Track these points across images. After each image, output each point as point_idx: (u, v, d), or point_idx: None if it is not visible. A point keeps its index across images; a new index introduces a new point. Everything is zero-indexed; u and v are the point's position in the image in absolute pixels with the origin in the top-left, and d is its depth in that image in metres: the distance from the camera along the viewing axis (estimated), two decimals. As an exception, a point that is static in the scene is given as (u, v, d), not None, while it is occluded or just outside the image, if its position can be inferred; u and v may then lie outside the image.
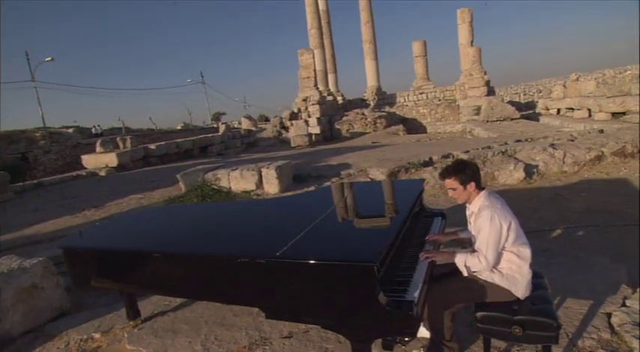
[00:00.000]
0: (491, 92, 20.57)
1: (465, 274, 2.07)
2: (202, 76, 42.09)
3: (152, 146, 15.12)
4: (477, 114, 18.69)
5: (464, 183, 2.12)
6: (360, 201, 2.93)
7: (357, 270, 1.70)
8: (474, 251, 2.09)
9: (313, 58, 21.40)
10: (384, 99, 25.24)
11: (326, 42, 25.34)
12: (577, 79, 18.53)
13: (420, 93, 24.27)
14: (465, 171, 2.12)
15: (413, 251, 2.30)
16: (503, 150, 8.18)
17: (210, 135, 20.71)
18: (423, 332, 2.49)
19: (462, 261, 2.06)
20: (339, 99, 24.96)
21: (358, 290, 1.69)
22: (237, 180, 7.44)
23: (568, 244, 4.23)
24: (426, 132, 19.23)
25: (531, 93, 42.15)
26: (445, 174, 2.17)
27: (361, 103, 24.91)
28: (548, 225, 4.92)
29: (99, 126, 26.57)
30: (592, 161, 7.80)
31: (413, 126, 20.96)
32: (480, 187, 2.16)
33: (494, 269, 2.06)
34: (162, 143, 16.03)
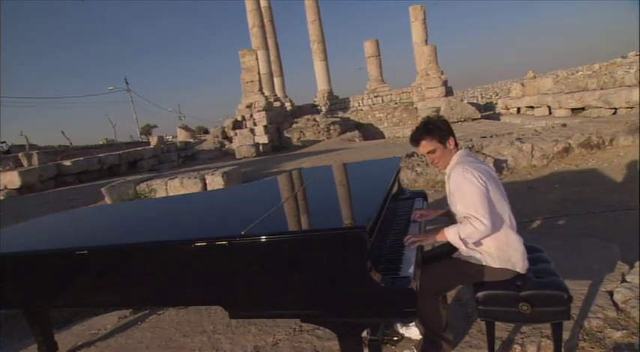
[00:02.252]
0: (449, 92, 21.57)
1: (464, 249, 1.97)
2: (127, 83, 39.73)
3: (67, 162, 14.05)
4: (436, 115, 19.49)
5: (443, 141, 2.04)
6: (332, 181, 2.79)
7: (344, 240, 1.56)
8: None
9: (257, 59, 21.30)
10: (337, 103, 25.64)
11: (270, 42, 25.44)
12: (534, 77, 20.00)
13: (375, 97, 24.94)
14: (440, 126, 2.04)
15: (397, 234, 2.18)
16: (469, 146, 8.46)
17: (140, 148, 19.76)
18: (413, 333, 2.37)
19: (455, 234, 1.94)
20: (288, 105, 24.99)
21: (346, 266, 1.56)
22: (177, 190, 7.04)
23: (551, 232, 4.40)
24: (384, 138, 19.67)
25: (488, 96, 44.95)
26: (418, 136, 2.07)
27: (312, 109, 25.09)
28: (527, 217, 5.13)
29: (4, 142, 24.43)
30: (560, 153, 8.30)
31: (369, 132, 21.39)
32: (456, 145, 2.10)
33: (482, 252, 1.98)
34: (81, 158, 14.97)
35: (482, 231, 1.89)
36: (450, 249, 2.15)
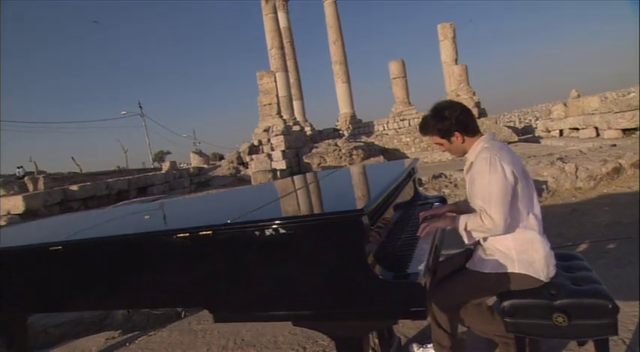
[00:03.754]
0: (482, 114, 21.40)
1: (466, 241, 1.87)
2: (141, 107, 40.99)
3: (74, 187, 14.43)
4: (470, 139, 19.26)
5: (446, 136, 1.97)
6: (341, 177, 2.72)
7: (341, 226, 1.47)
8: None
9: (275, 81, 21.79)
10: (360, 128, 25.77)
11: (290, 64, 26.05)
12: (578, 96, 19.65)
13: (402, 120, 24.95)
14: (443, 119, 1.95)
15: (409, 236, 2.07)
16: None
17: (150, 173, 20.17)
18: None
19: (463, 223, 1.86)
20: (307, 129, 25.27)
21: (343, 256, 1.46)
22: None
23: (600, 256, 4.19)
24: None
25: (527, 120, 44.37)
26: (422, 128, 2.04)
27: (334, 134, 25.27)
28: (571, 241, 4.94)
29: (21, 167, 25.33)
30: (609, 174, 7.97)
31: (395, 158, 21.27)
32: (473, 132, 1.99)
33: (499, 255, 1.87)
34: (88, 184, 15.35)
35: (489, 229, 1.79)
36: (465, 258, 2.06)
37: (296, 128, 23.21)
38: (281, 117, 21.95)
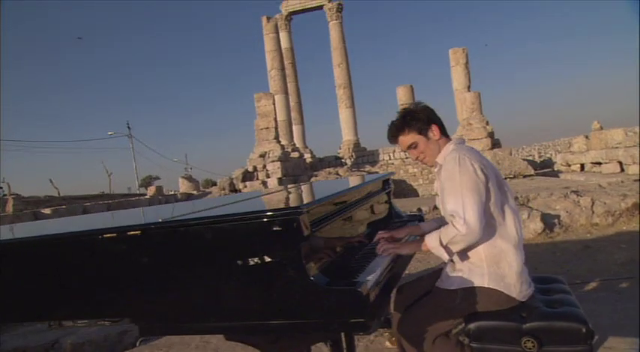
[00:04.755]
0: (496, 145, 21.49)
1: (446, 258, 1.83)
2: (129, 128, 41.42)
3: (46, 210, 14.42)
4: (482, 171, 19.27)
5: (423, 131, 1.97)
6: (297, 189, 2.71)
7: (273, 225, 1.46)
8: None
9: (274, 103, 22.10)
10: (364, 156, 25.86)
11: (290, 87, 26.45)
12: (600, 128, 19.75)
13: (410, 149, 25.05)
14: (417, 115, 1.97)
15: (370, 250, 2.06)
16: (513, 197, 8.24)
17: (134, 198, 20.18)
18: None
19: (436, 240, 1.81)
20: (307, 156, 25.38)
21: (277, 259, 1.46)
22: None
23: (611, 295, 4.16)
24: (417, 196, 19.48)
25: (548, 155, 44.53)
26: (393, 131, 2.03)
27: (335, 162, 25.37)
28: (580, 278, 4.91)
29: (1, 188, 25.34)
30: (630, 210, 7.91)
31: (401, 189, 21.25)
32: (446, 134, 2.02)
33: (467, 267, 1.86)
34: (63, 207, 15.36)
35: (465, 234, 1.74)
36: (436, 278, 2.03)
37: (295, 154, 23.33)
38: (279, 142, 22.12)
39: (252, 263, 1.48)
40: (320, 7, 27.02)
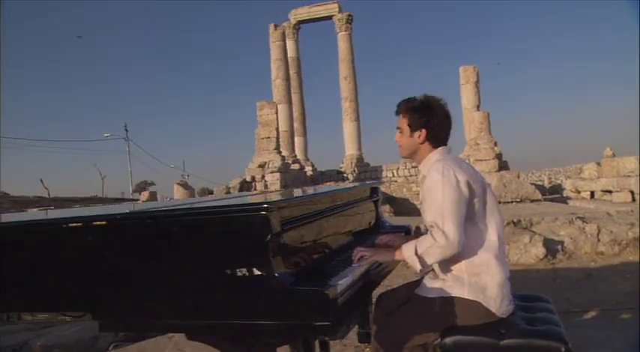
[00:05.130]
0: (503, 167, 21.49)
1: (418, 268, 1.83)
2: (126, 130, 41.57)
3: (33, 211, 14.44)
4: (488, 193, 19.24)
5: (412, 127, 2.00)
6: (277, 192, 2.70)
7: (244, 221, 1.48)
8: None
9: (276, 113, 22.20)
10: (367, 172, 25.89)
11: (295, 97, 26.61)
12: (613, 155, 19.75)
13: (413, 167, 25.07)
14: (420, 110, 1.99)
15: (347, 257, 2.06)
16: (515, 220, 8.21)
17: (124, 203, 20.15)
18: None
19: (411, 249, 1.82)
20: (308, 169, 25.43)
21: (242, 255, 1.46)
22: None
23: (610, 325, 4.13)
24: (420, 215, 19.43)
25: (559, 181, 44.43)
26: (399, 107, 2.07)
27: (337, 176, 25.37)
28: (579, 307, 4.88)
29: None
30: (637, 240, 7.87)
31: (403, 208, 21.19)
32: (438, 143, 2.03)
33: (448, 276, 1.87)
34: (51, 208, 15.34)
35: (443, 246, 1.75)
36: (414, 288, 2.03)
37: (295, 166, 23.37)
38: (279, 153, 22.18)
39: (217, 258, 1.47)
40: (329, 18, 27.31)
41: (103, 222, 1.59)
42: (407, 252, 1.83)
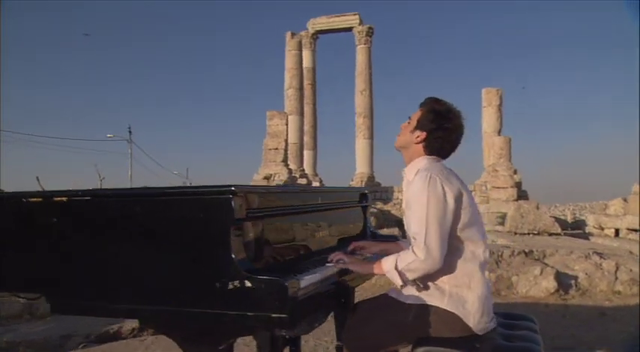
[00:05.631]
0: (522, 196, 21.33)
1: (399, 283, 1.85)
2: (130, 132, 42.00)
3: (25, 207, 14.59)
4: (502, 223, 19.05)
5: (418, 124, 2.04)
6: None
7: (205, 204, 1.49)
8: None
9: (286, 124, 22.29)
10: (377, 192, 25.81)
11: (307, 109, 26.77)
12: None
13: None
14: (435, 114, 2.02)
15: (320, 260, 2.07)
16: (526, 250, 8.14)
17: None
18: None
19: (392, 264, 1.83)
20: (316, 184, 25.42)
21: (201, 241, 1.47)
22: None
23: None
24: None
25: (582, 217, 43.93)
26: (423, 101, 2.12)
27: (346, 195, 25.33)
28: (586, 344, 4.80)
29: None
30: (659, 281, 7.75)
31: (414, 233, 21.09)
32: (430, 152, 2.05)
33: (429, 284, 1.87)
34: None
35: (424, 261, 1.76)
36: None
37: (302, 181, 23.39)
38: (287, 165, 22.21)
39: (176, 241, 1.48)
40: (349, 29, 27.55)
41: (64, 198, 1.59)
42: (387, 266, 1.85)
